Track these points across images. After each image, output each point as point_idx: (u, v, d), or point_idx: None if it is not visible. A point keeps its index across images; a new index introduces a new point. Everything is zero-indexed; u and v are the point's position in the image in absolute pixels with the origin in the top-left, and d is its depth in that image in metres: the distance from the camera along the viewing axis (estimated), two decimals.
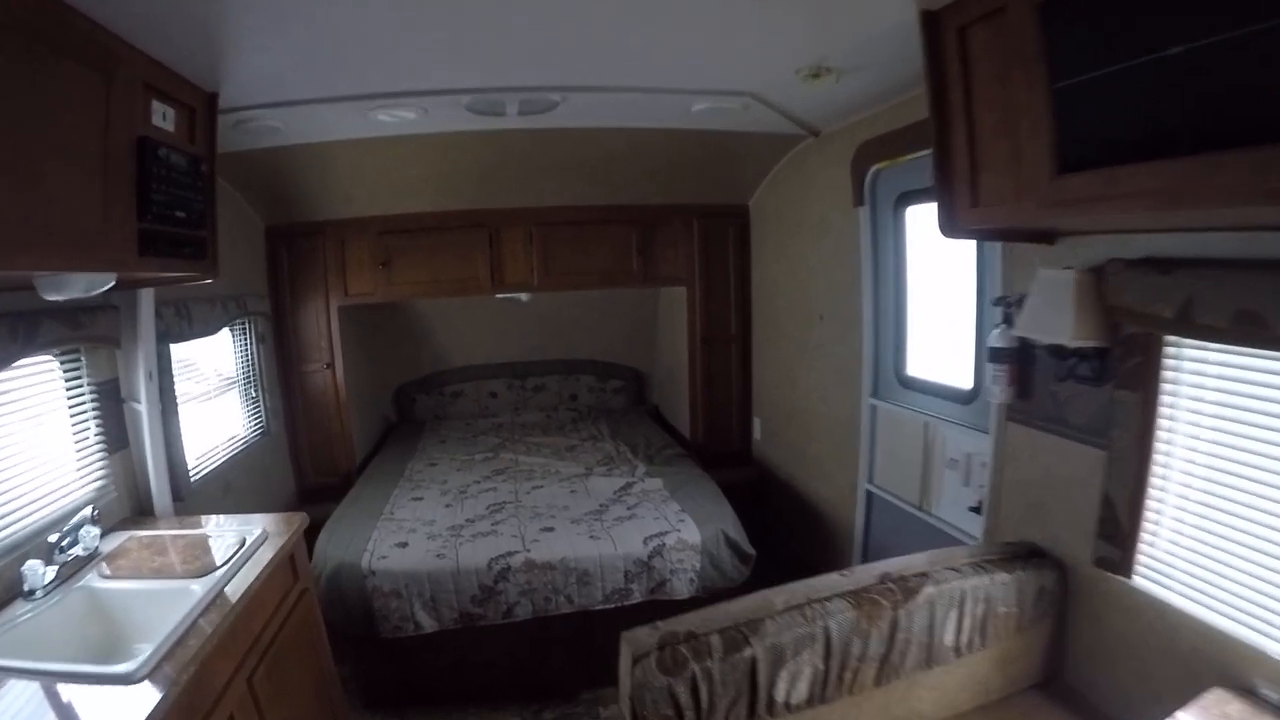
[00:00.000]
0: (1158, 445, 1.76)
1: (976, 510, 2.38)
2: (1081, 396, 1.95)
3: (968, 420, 2.50)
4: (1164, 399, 1.74)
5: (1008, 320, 2.13)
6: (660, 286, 4.58)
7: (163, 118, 1.86)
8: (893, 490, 2.94)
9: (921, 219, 2.77)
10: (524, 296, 4.20)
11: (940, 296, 2.73)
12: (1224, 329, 1.49)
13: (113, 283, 1.75)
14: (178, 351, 2.88)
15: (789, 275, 3.82)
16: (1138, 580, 1.82)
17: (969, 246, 2.43)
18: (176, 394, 2.54)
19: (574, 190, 3.86)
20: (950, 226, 1.80)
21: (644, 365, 5.44)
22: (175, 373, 2.55)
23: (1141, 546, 1.81)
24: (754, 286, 4.34)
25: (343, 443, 4.06)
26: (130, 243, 1.70)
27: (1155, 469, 1.77)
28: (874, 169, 2.86)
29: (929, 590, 1.86)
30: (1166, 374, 1.73)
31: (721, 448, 4.47)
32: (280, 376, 3.92)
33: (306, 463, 4.04)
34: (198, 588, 1.83)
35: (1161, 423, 1.75)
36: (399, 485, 3.67)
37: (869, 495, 3.08)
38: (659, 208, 4.14)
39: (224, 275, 3.35)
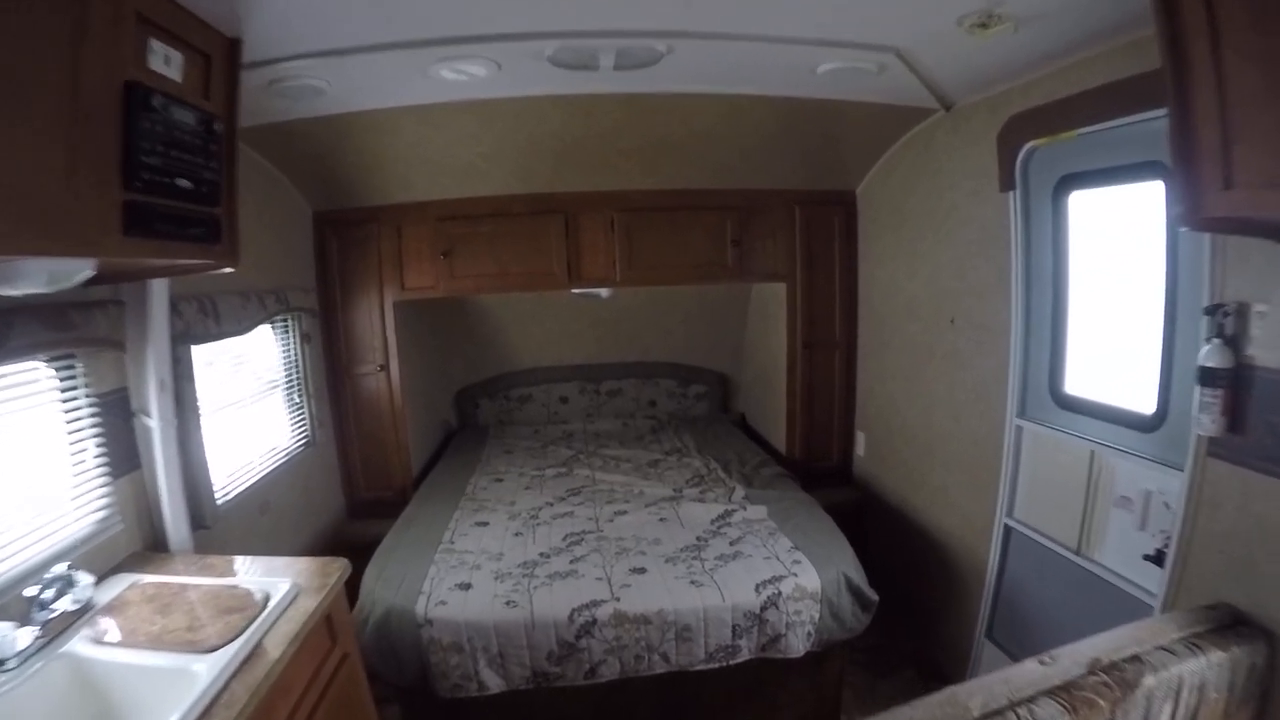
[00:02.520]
0: None
1: (1155, 560, 1.93)
2: None
3: (1148, 451, 2.02)
4: None
5: (1223, 335, 1.65)
6: (757, 282, 3.99)
7: (165, 61, 1.42)
8: (1040, 528, 2.45)
9: (1089, 207, 2.27)
10: (604, 292, 3.72)
11: (1111, 300, 2.28)
12: None
13: (89, 272, 1.32)
14: (214, 350, 2.50)
15: (907, 272, 3.25)
16: None
17: (1152, 241, 1.97)
18: (199, 403, 2.13)
19: (663, 172, 3.34)
20: (1193, 216, 1.32)
21: (730, 369, 4.89)
22: (211, 374, 2.13)
23: None
24: (861, 284, 3.77)
25: (398, 453, 3.66)
26: (110, 218, 1.26)
27: None
28: (1028, 147, 2.36)
29: (1148, 681, 1.48)
30: None
31: (819, 464, 3.92)
32: (328, 380, 3.55)
33: (358, 475, 3.66)
34: (203, 670, 1.40)
35: None
36: (460, 506, 3.23)
37: (1007, 531, 2.60)
38: (756, 193, 3.59)
39: (265, 266, 3.06)
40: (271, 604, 1.65)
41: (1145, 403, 2.05)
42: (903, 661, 3.09)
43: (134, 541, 1.95)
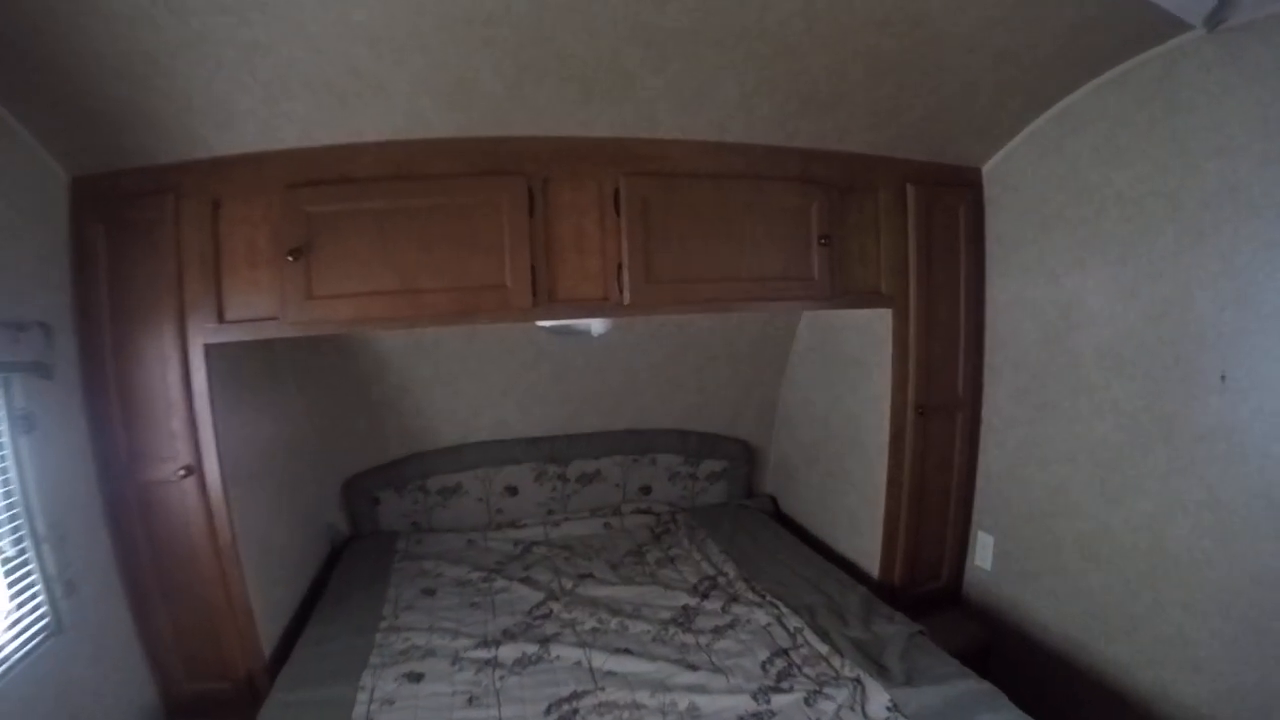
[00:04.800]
0: None
1: None
2: None
3: None
4: None
5: None
6: (853, 307, 2.41)
7: None
8: None
9: None
10: (596, 326, 2.19)
11: None
12: None
13: None
14: None
15: (1106, 295, 2.04)
16: None
17: None
18: None
19: (711, 106, 1.87)
20: None
21: (756, 437, 3.39)
22: None
23: None
24: (990, 313, 2.43)
25: (233, 619, 1.98)
26: None
27: None
28: None
29: None
30: None
31: (924, 587, 2.56)
32: (99, 498, 1.86)
33: (171, 658, 1.98)
34: None
35: None
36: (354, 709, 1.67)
37: None
38: (854, 158, 2.18)
39: None
40: None
41: None
42: None
43: None
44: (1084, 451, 2.13)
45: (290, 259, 1.73)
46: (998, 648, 2.43)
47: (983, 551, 2.56)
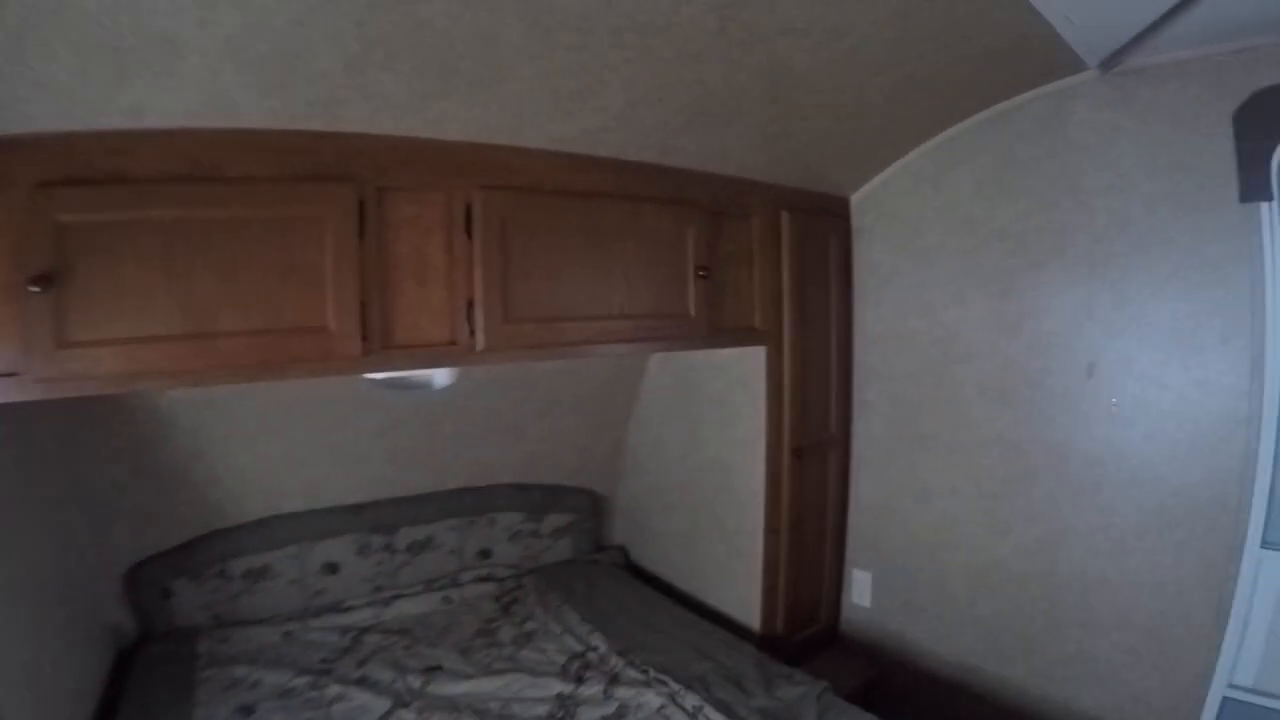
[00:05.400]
0: None
1: None
2: None
3: None
4: None
5: None
6: (730, 347, 2.25)
7: None
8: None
9: None
10: (441, 377, 1.83)
11: None
12: None
13: None
14: None
15: (987, 327, 2.09)
16: None
17: None
18: None
19: (586, 117, 1.61)
20: None
21: (602, 485, 3.10)
22: None
23: None
24: (859, 348, 2.40)
25: None
26: None
27: None
28: None
29: None
30: None
31: (802, 627, 2.44)
32: None
33: None
34: None
35: None
36: None
37: (1225, 706, 1.79)
38: (729, 182, 2.03)
39: None
40: None
41: None
42: None
43: None
44: (968, 483, 2.14)
45: (35, 289, 1.23)
46: (882, 682, 2.38)
47: (859, 589, 2.52)
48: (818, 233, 2.25)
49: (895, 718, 1.79)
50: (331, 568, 2.47)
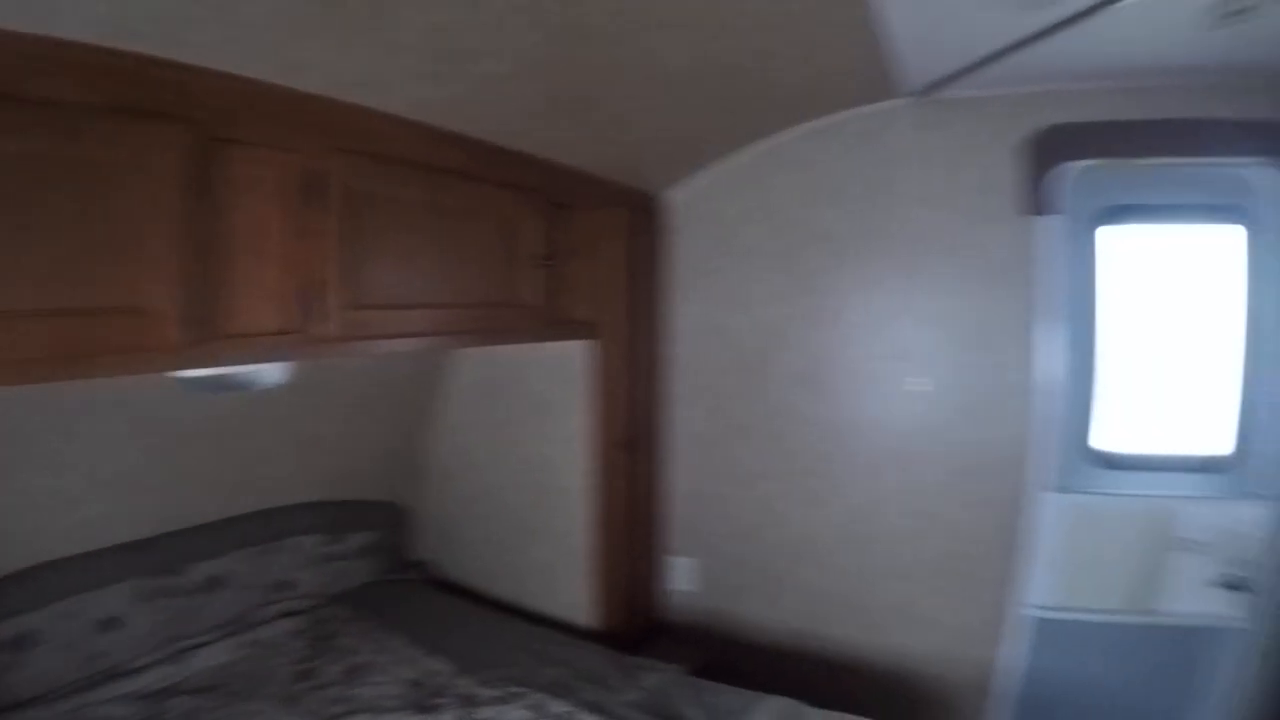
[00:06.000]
0: None
1: (1237, 586, 2.03)
2: None
3: (1224, 490, 2.10)
4: None
5: None
6: (568, 339, 2.20)
7: None
8: (1081, 604, 2.19)
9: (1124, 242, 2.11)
10: (275, 374, 1.50)
11: (1153, 344, 2.17)
12: None
13: None
14: None
15: (803, 321, 2.32)
16: None
17: (1211, 281, 2.06)
18: None
19: (460, 85, 1.44)
20: None
21: (407, 496, 2.81)
22: None
23: None
24: (681, 341, 2.52)
25: None
26: None
27: None
28: (1073, 167, 2.05)
29: None
30: None
31: (633, 619, 2.48)
32: None
33: None
34: None
35: None
36: None
37: (1030, 625, 2.19)
38: (571, 174, 2.02)
39: None
40: None
41: (1215, 445, 2.09)
42: None
43: None
44: (786, 464, 2.34)
45: None
46: (719, 661, 2.40)
47: (686, 575, 2.58)
48: (645, 229, 2.33)
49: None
50: (111, 623, 1.85)
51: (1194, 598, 2.10)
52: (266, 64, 1.17)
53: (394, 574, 2.65)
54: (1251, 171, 1.95)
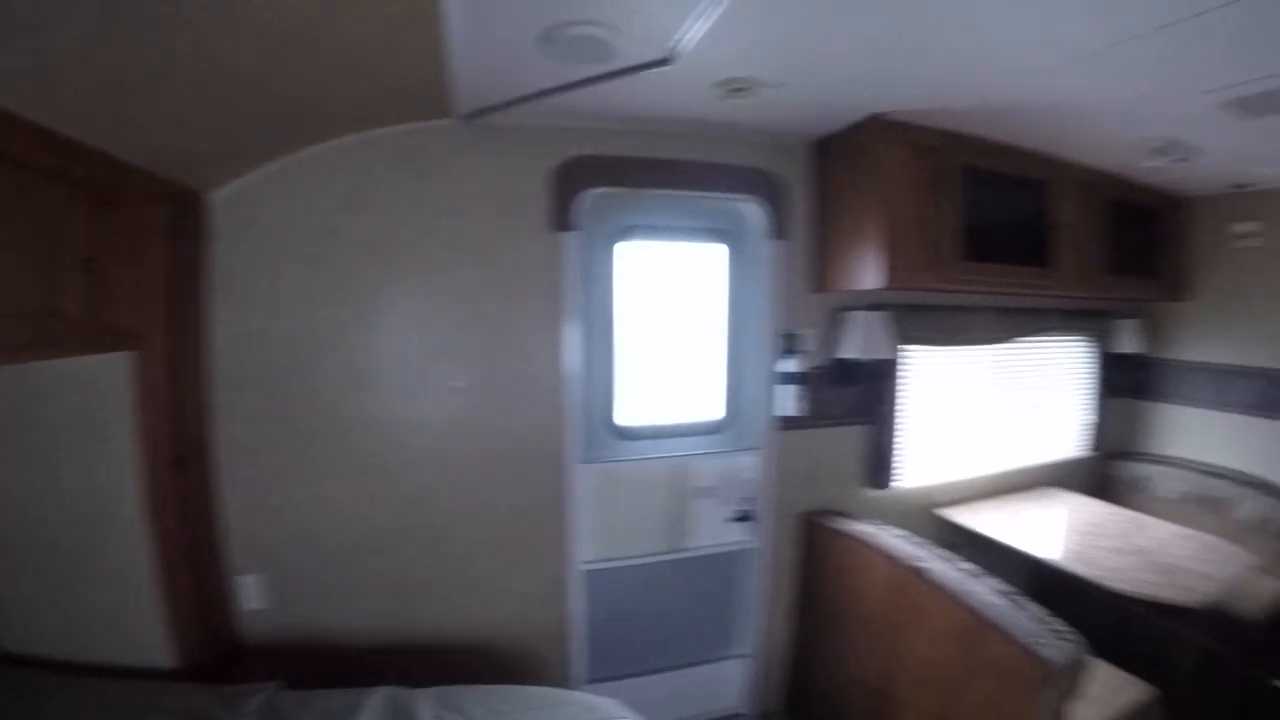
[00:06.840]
0: (899, 410, 2.95)
1: (744, 517, 2.74)
2: (847, 395, 2.86)
3: (720, 447, 2.75)
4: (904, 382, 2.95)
5: (793, 350, 2.67)
6: (108, 350, 1.77)
7: None
8: (622, 554, 2.67)
9: (639, 254, 2.66)
10: None
11: (656, 336, 2.73)
12: (937, 339, 2.89)
13: None
14: None
15: (346, 325, 2.34)
16: (894, 486, 2.99)
17: (700, 286, 2.75)
18: None
19: (20, 50, 1.20)
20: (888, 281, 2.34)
21: None
22: None
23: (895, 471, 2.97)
24: (225, 351, 2.26)
25: None
26: None
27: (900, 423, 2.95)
28: (592, 193, 2.44)
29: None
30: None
31: (210, 647, 2.24)
32: None
33: None
34: None
35: (902, 396, 2.95)
36: None
37: (585, 577, 2.64)
38: (113, 164, 1.75)
39: None
40: None
41: (712, 412, 2.77)
42: None
43: None
44: (341, 464, 2.34)
45: None
46: (309, 672, 2.18)
47: (255, 592, 2.35)
48: (191, 231, 2.10)
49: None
50: None
51: (716, 531, 2.69)
52: None
53: None
54: (740, 204, 2.57)
